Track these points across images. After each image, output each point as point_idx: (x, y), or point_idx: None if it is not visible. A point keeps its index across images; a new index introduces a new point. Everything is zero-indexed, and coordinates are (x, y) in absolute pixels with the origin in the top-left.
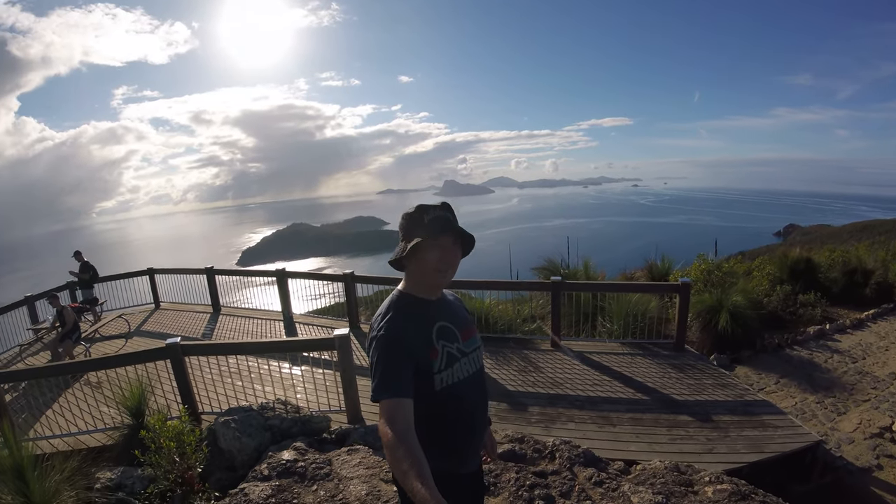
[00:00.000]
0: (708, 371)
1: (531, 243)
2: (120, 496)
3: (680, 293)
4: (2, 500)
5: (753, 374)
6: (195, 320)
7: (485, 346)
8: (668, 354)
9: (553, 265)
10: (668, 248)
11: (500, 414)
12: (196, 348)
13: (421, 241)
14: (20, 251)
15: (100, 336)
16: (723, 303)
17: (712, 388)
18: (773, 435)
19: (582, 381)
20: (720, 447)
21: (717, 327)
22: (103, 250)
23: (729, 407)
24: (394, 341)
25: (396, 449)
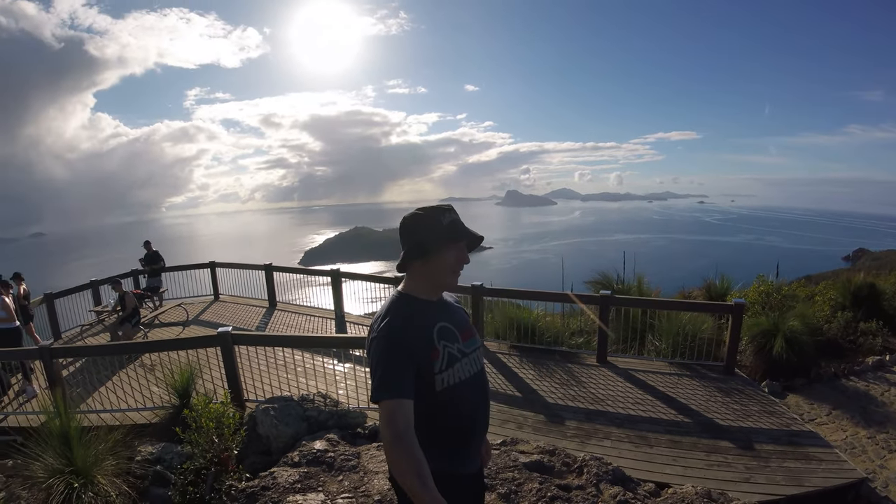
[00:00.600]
0: (756, 397)
1: (591, 257)
2: (157, 469)
3: (732, 314)
4: (47, 463)
5: (805, 403)
6: (251, 313)
7: (528, 357)
8: (716, 377)
9: (607, 279)
10: (731, 268)
11: (536, 425)
12: (245, 338)
13: (443, 243)
14: (92, 239)
15: (159, 322)
16: (779, 327)
17: (758, 416)
18: (816, 469)
19: (624, 399)
20: (758, 477)
21: (772, 352)
22: (171, 243)
23: (773, 436)
24: (394, 342)
25: (396, 449)
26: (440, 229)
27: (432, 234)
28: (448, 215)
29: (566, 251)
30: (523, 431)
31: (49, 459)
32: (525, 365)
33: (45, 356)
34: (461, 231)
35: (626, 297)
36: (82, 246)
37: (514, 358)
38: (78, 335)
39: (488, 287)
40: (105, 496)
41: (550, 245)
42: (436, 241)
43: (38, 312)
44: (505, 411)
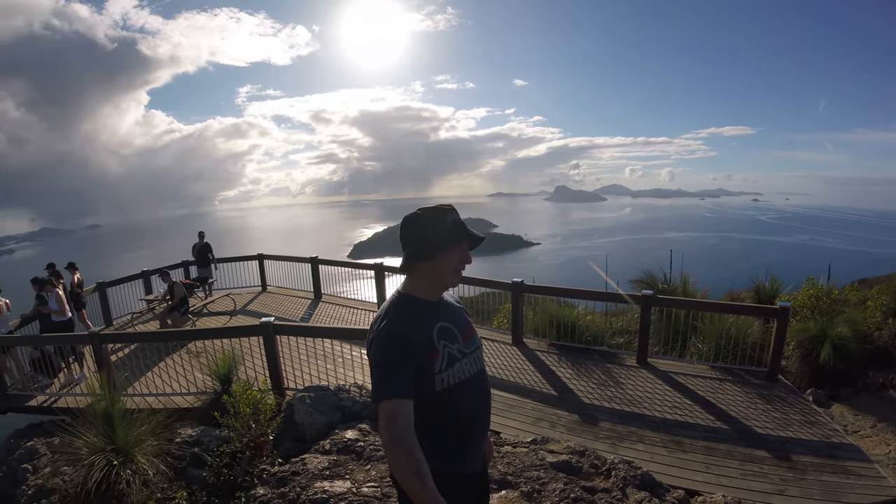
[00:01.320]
0: (798, 406)
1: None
2: (195, 451)
3: (778, 318)
4: (90, 441)
5: (850, 414)
6: (296, 305)
7: (567, 356)
8: (758, 384)
9: (651, 279)
10: (783, 269)
11: (570, 425)
12: (287, 328)
13: (448, 243)
14: (147, 231)
15: (208, 311)
16: (827, 333)
17: (798, 425)
18: (854, 484)
19: (661, 402)
20: (792, 490)
21: (818, 359)
22: (224, 235)
23: (812, 447)
24: (395, 342)
25: (396, 449)
26: (444, 230)
27: (437, 234)
28: (451, 215)
29: (615, 248)
30: (556, 430)
31: (92, 438)
32: (563, 363)
33: (95, 341)
34: (464, 232)
35: (667, 298)
36: (137, 237)
37: (552, 356)
38: (128, 322)
39: (529, 284)
40: (143, 474)
41: (599, 242)
42: (440, 241)
43: (91, 300)
44: (539, 409)
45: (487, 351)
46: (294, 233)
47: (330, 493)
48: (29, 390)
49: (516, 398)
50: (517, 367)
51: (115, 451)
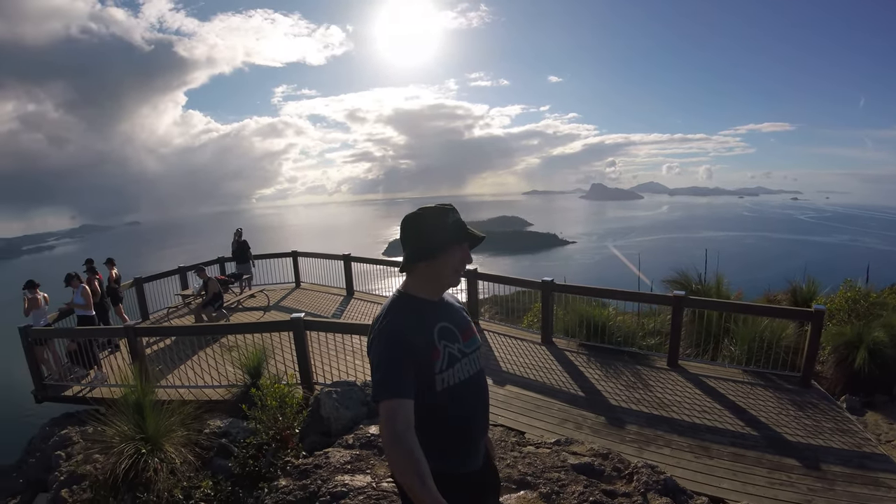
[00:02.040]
0: (830, 413)
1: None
2: (223, 442)
3: (812, 322)
4: (121, 430)
5: (885, 422)
6: (329, 301)
7: (597, 356)
8: (791, 389)
9: (685, 279)
10: (823, 270)
11: (595, 427)
12: (316, 324)
13: (448, 243)
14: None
15: (242, 307)
16: (863, 337)
17: (830, 433)
18: (885, 497)
19: (690, 406)
20: (820, 500)
21: (853, 365)
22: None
23: (843, 457)
24: (395, 342)
25: (396, 449)
26: (445, 230)
27: (438, 234)
28: (452, 215)
29: (652, 247)
30: (581, 432)
31: (123, 427)
32: (592, 364)
33: (130, 335)
34: (465, 232)
35: (698, 299)
36: (176, 234)
37: (581, 356)
38: (164, 317)
39: (559, 283)
40: (170, 462)
41: (635, 241)
42: (441, 241)
43: (129, 295)
44: (565, 410)
45: (516, 350)
46: (330, 230)
47: (350, 486)
48: (65, 381)
49: (543, 398)
50: (545, 367)
51: (144, 440)
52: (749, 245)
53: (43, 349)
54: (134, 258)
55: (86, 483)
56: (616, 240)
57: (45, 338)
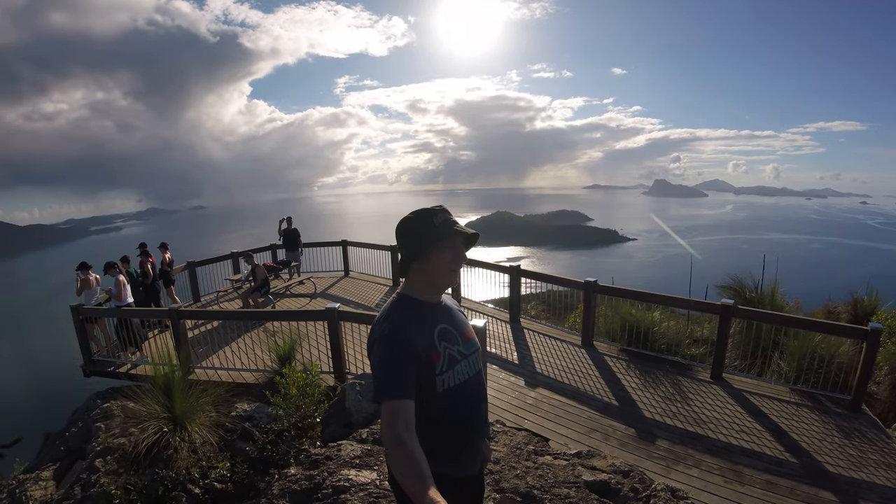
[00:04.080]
0: (878, 443)
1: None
2: (246, 426)
3: (866, 341)
4: (150, 407)
5: None
6: (375, 291)
7: (637, 363)
8: (839, 413)
9: (740, 285)
10: (890, 282)
11: (623, 440)
12: (350, 315)
13: (437, 243)
14: (248, 213)
15: (290, 293)
16: None
17: (874, 467)
18: None
19: (728, 424)
20: None
21: None
22: (321, 220)
23: (886, 495)
24: (396, 343)
25: (397, 450)
26: (433, 230)
27: (426, 235)
28: (440, 216)
29: (715, 248)
30: (607, 444)
31: (152, 405)
32: (631, 372)
33: (174, 317)
34: (454, 230)
35: (746, 309)
36: (239, 219)
37: (621, 363)
38: (214, 300)
39: (603, 284)
40: (191, 442)
41: (698, 240)
42: (430, 241)
43: (182, 277)
44: (595, 419)
45: (554, 351)
46: (388, 220)
47: (353, 482)
48: (111, 357)
49: (574, 405)
50: (581, 371)
51: (169, 419)
52: (815, 250)
53: (93, 326)
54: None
55: (116, 455)
56: (680, 238)
57: (95, 316)
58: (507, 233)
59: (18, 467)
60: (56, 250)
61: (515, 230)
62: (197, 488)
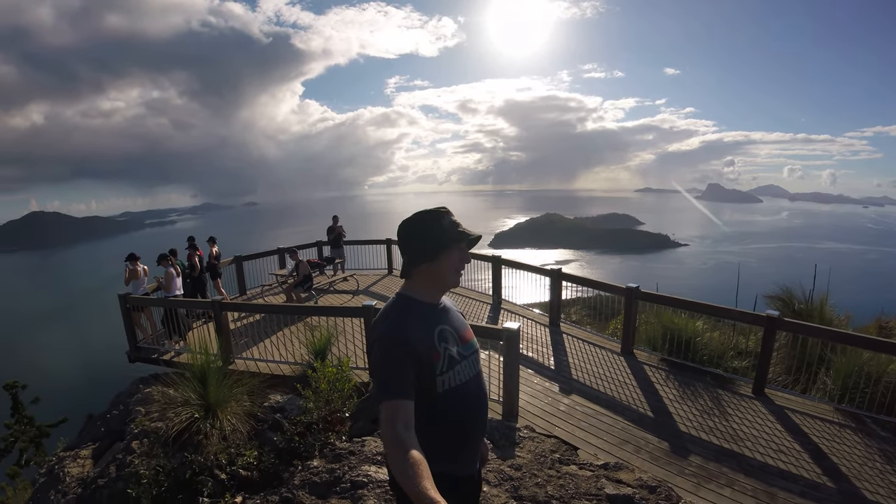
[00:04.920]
0: None
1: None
2: (277, 416)
3: None
4: (184, 394)
5: None
6: None
7: (677, 374)
8: (884, 437)
9: (789, 296)
10: None
11: (655, 453)
12: None
13: (446, 244)
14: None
15: (333, 289)
16: None
17: None
18: None
19: (766, 443)
20: None
21: None
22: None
23: None
24: (396, 343)
25: (396, 449)
26: (444, 231)
27: (436, 236)
28: (448, 217)
29: (769, 256)
30: (638, 457)
31: (188, 392)
32: (670, 383)
33: (216, 308)
34: (462, 232)
35: (791, 321)
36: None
37: (660, 373)
38: (259, 293)
39: (645, 290)
40: (221, 429)
41: (751, 248)
42: (440, 243)
43: (229, 271)
44: (628, 430)
45: (592, 358)
46: None
47: (372, 478)
48: (156, 345)
49: (608, 414)
50: (618, 380)
51: (202, 406)
52: (871, 261)
53: (139, 315)
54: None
55: (151, 438)
56: (731, 245)
57: (141, 305)
58: (556, 235)
59: (61, 446)
60: (111, 242)
61: (565, 232)
62: (223, 474)
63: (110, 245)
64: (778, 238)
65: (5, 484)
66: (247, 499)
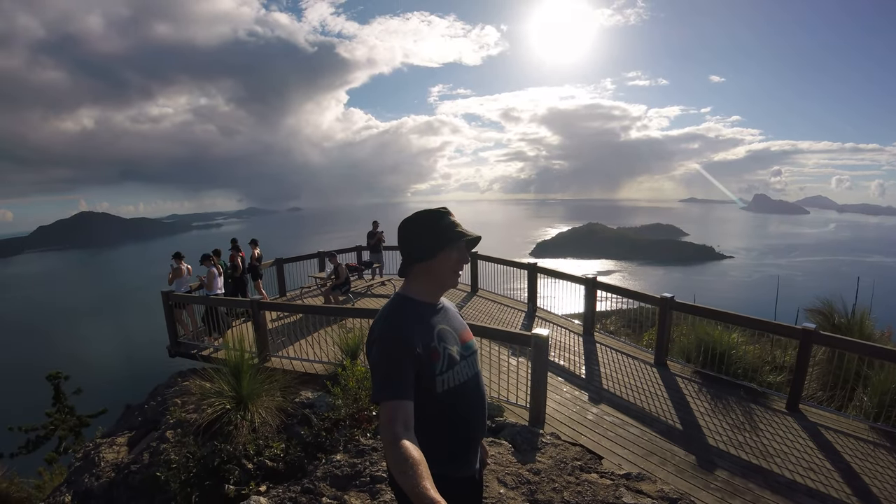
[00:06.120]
0: None
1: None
2: (305, 412)
3: None
4: (219, 387)
5: None
6: (451, 296)
7: (710, 387)
8: None
9: (829, 309)
10: None
11: (681, 466)
12: None
13: (443, 244)
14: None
15: (371, 293)
16: None
17: None
18: None
19: (796, 460)
20: None
21: None
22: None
23: None
24: (395, 343)
25: (395, 450)
26: (441, 231)
27: (435, 236)
28: (447, 217)
29: (815, 269)
30: (663, 469)
31: (223, 385)
32: (702, 395)
33: (254, 307)
34: (460, 232)
35: (829, 335)
36: (334, 221)
37: (693, 385)
38: (298, 295)
39: (680, 301)
40: (251, 421)
41: (798, 261)
42: (439, 242)
43: (270, 272)
44: (655, 441)
45: (624, 368)
46: (479, 227)
47: None
48: (196, 341)
49: (635, 424)
50: (649, 392)
51: (234, 398)
52: None
53: (181, 312)
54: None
55: (185, 428)
56: (777, 258)
57: (183, 302)
58: (598, 245)
59: (98, 434)
60: (157, 243)
61: (607, 242)
62: (250, 464)
63: (157, 246)
64: (825, 251)
65: (42, 468)
66: (270, 488)
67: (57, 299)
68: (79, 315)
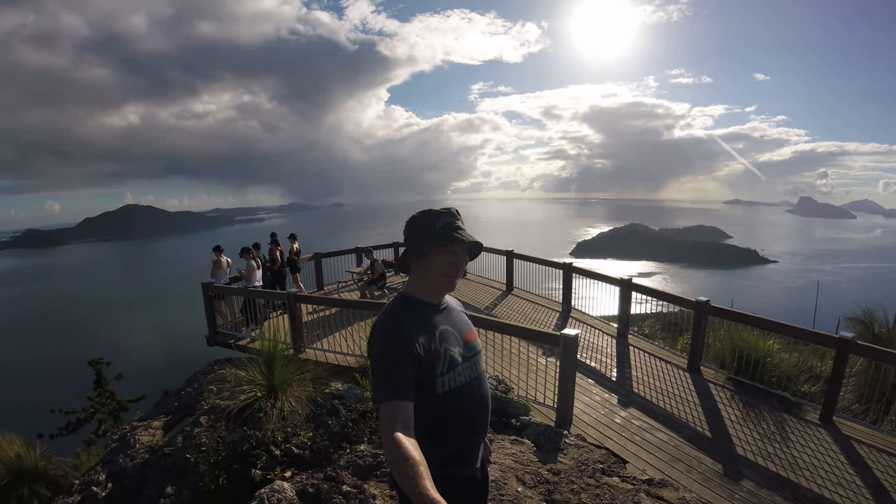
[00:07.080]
0: None
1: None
2: (335, 403)
3: None
4: (252, 375)
5: None
6: (486, 294)
7: (743, 395)
8: None
9: (870, 318)
10: None
11: (707, 474)
12: None
13: (433, 245)
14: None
15: None
16: None
17: None
18: None
19: (826, 474)
20: None
21: None
22: None
23: None
24: (396, 343)
25: (395, 450)
26: (432, 232)
27: (425, 236)
28: (444, 218)
29: (859, 276)
30: (688, 476)
31: (255, 374)
32: (734, 403)
33: (291, 300)
34: (452, 235)
35: (866, 345)
36: (375, 218)
37: (725, 392)
38: (335, 289)
39: (715, 305)
40: (281, 409)
41: (843, 267)
42: (431, 242)
43: (308, 266)
44: (681, 448)
45: (656, 372)
46: (518, 226)
47: None
48: (234, 332)
49: (664, 430)
50: (680, 397)
51: (265, 387)
52: None
53: (220, 303)
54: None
55: (218, 413)
56: (822, 263)
57: (221, 293)
58: (640, 246)
59: (136, 417)
60: (200, 235)
61: (649, 244)
62: (277, 450)
63: (200, 239)
64: (871, 257)
65: (80, 449)
66: (295, 474)
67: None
68: (123, 304)
